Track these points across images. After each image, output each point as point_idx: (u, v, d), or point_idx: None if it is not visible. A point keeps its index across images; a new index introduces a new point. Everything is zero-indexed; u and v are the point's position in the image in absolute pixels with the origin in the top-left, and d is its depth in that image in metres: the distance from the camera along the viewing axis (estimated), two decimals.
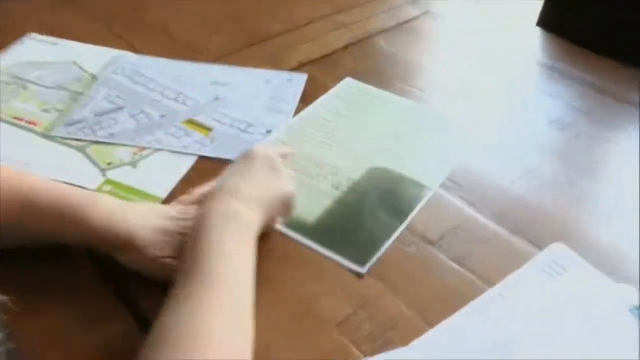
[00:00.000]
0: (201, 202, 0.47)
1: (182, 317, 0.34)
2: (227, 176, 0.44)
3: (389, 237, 0.50)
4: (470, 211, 0.53)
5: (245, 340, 0.35)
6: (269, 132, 0.62)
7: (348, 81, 0.69)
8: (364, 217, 0.53)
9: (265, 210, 0.43)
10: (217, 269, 0.37)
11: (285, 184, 0.46)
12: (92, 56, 0.69)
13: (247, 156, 0.47)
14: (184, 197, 0.48)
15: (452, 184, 0.57)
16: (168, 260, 0.42)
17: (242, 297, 0.37)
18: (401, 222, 0.52)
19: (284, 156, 0.49)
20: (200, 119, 0.64)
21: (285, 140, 0.61)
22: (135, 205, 0.45)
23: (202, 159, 0.59)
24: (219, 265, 0.37)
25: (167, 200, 0.50)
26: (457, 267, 0.48)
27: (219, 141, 0.61)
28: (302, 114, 0.65)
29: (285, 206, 0.46)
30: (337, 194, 0.55)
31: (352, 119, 0.65)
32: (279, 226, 0.50)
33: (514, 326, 0.42)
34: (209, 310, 0.35)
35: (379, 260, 0.48)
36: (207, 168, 0.58)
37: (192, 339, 0.33)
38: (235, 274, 0.37)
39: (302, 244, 0.49)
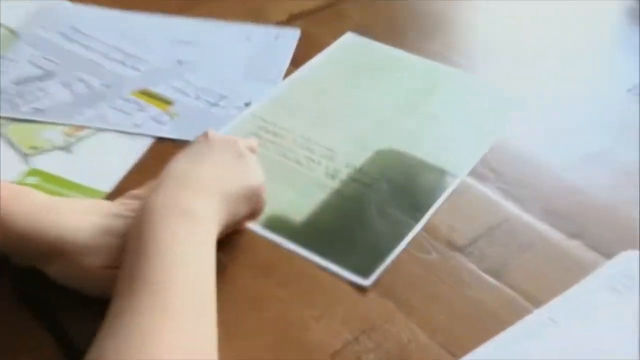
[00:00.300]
0: None
1: (121, 348, 0.34)
2: (176, 162, 0.44)
3: (400, 240, 0.50)
4: (511, 207, 0.53)
5: None
6: (247, 104, 0.62)
7: (349, 37, 0.68)
8: (368, 215, 0.52)
9: (227, 203, 0.43)
10: (167, 278, 0.37)
11: (252, 172, 0.46)
12: (12, 5, 0.69)
13: (202, 139, 0.47)
14: (136, 192, 0.48)
15: (487, 170, 0.56)
16: (110, 271, 0.42)
17: (203, 317, 0.37)
18: (417, 220, 0.52)
19: (250, 149, 0.49)
20: (157, 88, 0.64)
21: (268, 115, 0.61)
22: (69, 201, 0.45)
23: (160, 141, 0.59)
24: (169, 273, 0.37)
25: (113, 196, 0.50)
26: (492, 280, 0.48)
27: (182, 118, 0.61)
28: (289, 79, 0.65)
29: (253, 200, 0.46)
30: (333, 184, 0.55)
31: (354, 86, 0.65)
32: (254, 227, 0.50)
33: None
34: (158, 338, 0.34)
35: (387, 270, 0.48)
36: (166, 153, 0.56)
37: None
38: (192, 286, 0.37)
39: (287, 251, 0.50)
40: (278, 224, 0.51)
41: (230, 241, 0.48)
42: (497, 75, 0.66)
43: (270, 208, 0.51)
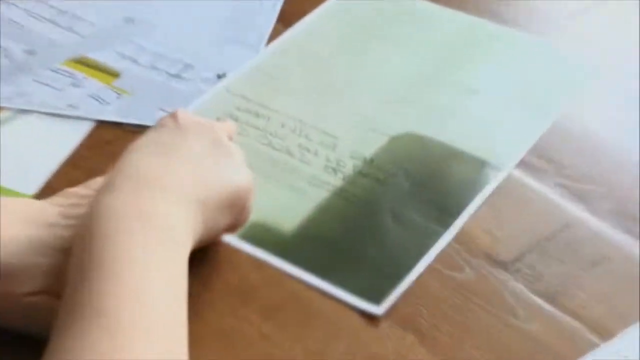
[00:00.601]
0: None
1: None
2: (135, 153, 0.45)
3: (424, 253, 0.51)
4: (573, 209, 0.54)
5: None
6: (220, 76, 0.63)
7: None
8: (381, 221, 0.53)
9: (204, 211, 0.43)
10: (124, 308, 0.37)
11: (238, 171, 0.46)
12: None
13: (170, 122, 0.47)
14: (77, 190, 0.49)
15: (542, 160, 0.57)
16: (41, 298, 0.43)
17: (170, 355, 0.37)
18: (446, 227, 0.52)
19: (230, 135, 0.49)
20: (99, 55, 0.64)
21: (248, 90, 0.61)
22: None
23: (102, 125, 0.59)
24: (127, 302, 0.37)
25: (41, 196, 0.50)
26: (546, 306, 0.48)
27: (132, 94, 0.61)
28: (275, 44, 0.66)
29: (236, 209, 0.46)
30: (334, 181, 0.55)
31: (361, 51, 0.65)
32: (231, 239, 0.50)
33: None
34: None
35: (406, 293, 0.49)
36: (111, 142, 0.58)
37: None
38: (158, 318, 0.38)
39: (274, 270, 0.50)
40: (262, 235, 0.51)
41: (199, 258, 0.48)
42: (560, 38, 0.67)
43: (253, 214, 0.51)
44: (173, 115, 0.47)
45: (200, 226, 0.43)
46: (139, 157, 0.44)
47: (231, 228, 0.48)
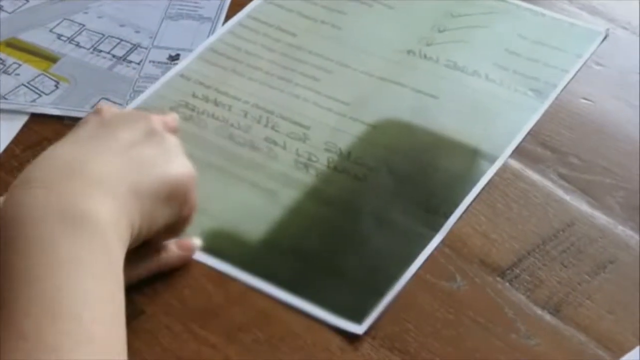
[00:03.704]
0: None
1: None
2: (54, 148, 0.45)
3: (410, 260, 0.51)
4: (578, 204, 0.54)
5: None
6: (173, 58, 0.62)
7: None
8: (361, 224, 0.52)
9: (137, 205, 0.43)
10: (47, 329, 0.36)
11: (174, 160, 0.47)
12: None
13: (92, 118, 0.47)
14: (3, 199, 0.48)
15: (541, 147, 0.57)
16: None
17: None
18: (435, 229, 0.52)
19: (169, 128, 0.49)
20: (32, 36, 0.64)
21: (205, 75, 0.61)
22: None
23: (39, 119, 0.59)
24: (47, 319, 0.36)
25: None
26: (549, 317, 0.48)
27: (74, 82, 0.61)
28: (237, 17, 0.65)
29: (177, 201, 0.46)
30: (306, 178, 0.55)
31: (333, 29, 0.65)
32: (193, 243, 0.50)
33: None
34: None
35: (390, 308, 0.49)
36: (51, 137, 0.57)
37: None
38: (87, 336, 0.37)
39: (238, 285, 0.50)
40: (224, 246, 0.51)
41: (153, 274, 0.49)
42: (561, 4, 0.66)
43: (212, 220, 0.51)
44: (96, 111, 0.48)
45: (135, 222, 0.43)
46: (58, 148, 0.44)
47: (175, 225, 0.48)
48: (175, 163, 0.47)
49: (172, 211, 0.46)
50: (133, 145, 0.45)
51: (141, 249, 0.47)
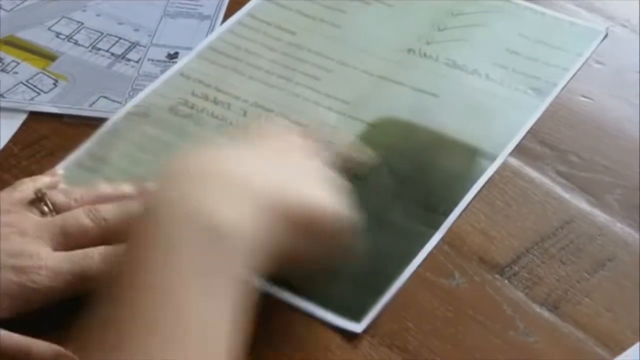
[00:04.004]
0: (39, 201, 0.49)
1: None
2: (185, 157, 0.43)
3: (409, 259, 0.51)
4: (578, 201, 0.54)
5: None
6: (172, 56, 0.62)
7: None
8: (360, 223, 0.51)
9: (272, 219, 0.41)
10: (171, 347, 0.35)
11: (326, 190, 0.44)
12: None
13: (245, 135, 0.47)
14: (3, 194, 0.50)
15: (541, 145, 0.57)
16: None
17: None
18: (434, 227, 0.52)
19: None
20: (31, 35, 0.64)
21: (205, 73, 0.61)
22: None
23: (38, 117, 0.59)
24: (178, 340, 0.35)
25: None
26: (547, 315, 0.48)
27: (73, 80, 0.61)
28: (238, 15, 0.65)
29: (317, 231, 0.44)
30: None
31: (333, 27, 0.65)
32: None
33: None
34: None
35: (389, 306, 0.49)
36: (49, 135, 0.58)
37: None
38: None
39: None
40: None
41: None
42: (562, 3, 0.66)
43: None
44: (252, 129, 0.48)
45: (270, 238, 0.40)
46: (193, 158, 0.43)
47: (315, 259, 0.45)
48: (324, 193, 0.45)
49: (310, 241, 0.44)
50: (282, 158, 0.45)
51: None
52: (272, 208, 0.41)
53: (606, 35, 0.63)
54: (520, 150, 0.56)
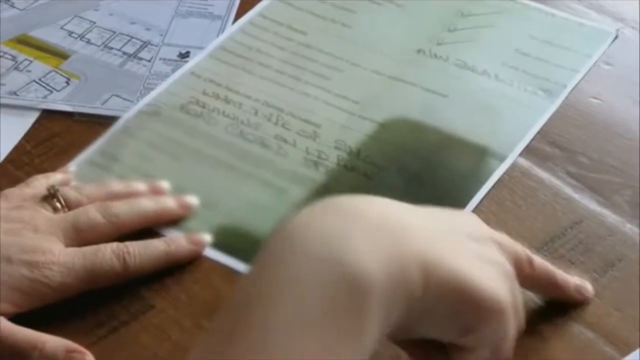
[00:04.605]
0: (52, 198, 0.50)
1: None
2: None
3: None
4: (587, 202, 0.54)
5: None
6: (183, 56, 0.63)
7: None
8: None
9: (423, 282, 0.36)
10: None
11: (494, 275, 0.39)
12: None
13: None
14: (16, 190, 0.50)
15: (550, 145, 0.57)
16: None
17: None
18: None
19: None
20: (44, 33, 0.64)
21: (216, 72, 0.61)
22: None
23: (50, 115, 0.59)
24: None
25: None
26: (557, 316, 0.48)
27: (84, 79, 0.61)
28: (246, 17, 0.66)
29: (466, 315, 0.38)
30: (316, 176, 0.55)
31: (344, 27, 0.65)
32: (203, 238, 0.50)
33: None
34: None
35: None
36: (61, 132, 0.58)
37: None
38: None
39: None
40: (234, 241, 0.51)
41: (163, 269, 0.49)
42: (571, 3, 0.66)
43: (221, 216, 0.50)
44: None
45: (413, 301, 0.36)
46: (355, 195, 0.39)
47: (466, 347, 0.40)
48: (487, 276, 0.39)
49: (458, 325, 0.39)
50: (453, 229, 0.40)
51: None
52: (422, 272, 0.36)
53: (616, 37, 0.63)
54: (529, 151, 0.57)
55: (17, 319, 0.46)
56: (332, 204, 0.38)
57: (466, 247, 0.39)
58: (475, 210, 0.53)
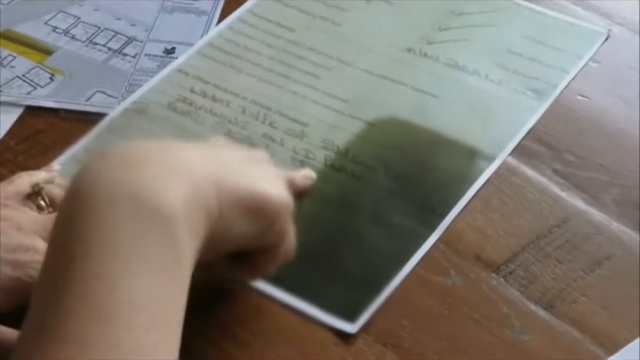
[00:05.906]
0: (36, 196, 0.50)
1: None
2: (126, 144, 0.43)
3: (406, 258, 0.51)
4: (574, 200, 0.54)
5: None
6: (169, 51, 0.63)
7: None
8: (357, 222, 0.53)
9: (218, 200, 0.41)
10: (94, 331, 0.35)
11: (268, 179, 0.46)
12: None
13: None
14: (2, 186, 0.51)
15: (538, 144, 0.57)
16: None
17: None
18: (432, 228, 0.53)
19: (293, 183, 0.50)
20: (28, 29, 0.64)
21: (203, 69, 0.62)
22: None
23: (34, 111, 0.60)
24: (101, 323, 0.36)
25: None
26: (543, 314, 0.49)
27: (69, 75, 0.62)
28: (237, 12, 0.66)
29: (262, 220, 0.44)
30: None
31: (332, 25, 0.65)
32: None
33: None
34: None
35: (385, 305, 0.49)
36: (46, 129, 0.59)
37: None
38: (137, 344, 0.36)
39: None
40: None
41: None
42: (561, 4, 0.67)
43: None
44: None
45: (213, 217, 0.41)
46: (133, 144, 0.43)
47: (263, 249, 0.46)
48: (268, 183, 0.45)
49: (254, 229, 0.44)
50: (226, 151, 0.47)
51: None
52: (210, 187, 0.41)
53: (608, 37, 0.64)
54: (516, 149, 0.57)
55: (2, 318, 0.46)
56: (118, 156, 0.41)
57: (249, 165, 0.46)
58: (463, 211, 0.53)
